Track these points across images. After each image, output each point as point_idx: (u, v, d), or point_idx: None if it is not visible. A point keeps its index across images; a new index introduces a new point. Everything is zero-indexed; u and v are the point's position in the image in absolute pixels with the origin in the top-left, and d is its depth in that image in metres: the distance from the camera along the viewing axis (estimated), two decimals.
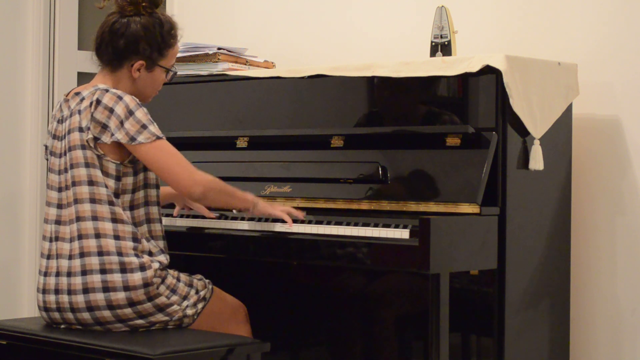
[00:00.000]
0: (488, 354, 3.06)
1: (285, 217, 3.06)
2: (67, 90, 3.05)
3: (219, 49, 3.70)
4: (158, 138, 2.85)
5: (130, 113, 2.84)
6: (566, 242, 3.29)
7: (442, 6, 3.29)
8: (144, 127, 2.84)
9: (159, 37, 2.96)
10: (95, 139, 2.84)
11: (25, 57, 4.55)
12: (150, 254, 2.88)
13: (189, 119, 3.63)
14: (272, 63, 3.85)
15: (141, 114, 2.86)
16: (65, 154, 2.91)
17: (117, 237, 2.83)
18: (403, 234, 2.86)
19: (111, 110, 2.84)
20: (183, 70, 3.68)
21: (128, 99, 2.86)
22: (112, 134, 2.83)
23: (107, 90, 2.87)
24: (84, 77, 4.65)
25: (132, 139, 2.83)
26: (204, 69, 3.68)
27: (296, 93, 3.44)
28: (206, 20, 4.44)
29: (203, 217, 3.28)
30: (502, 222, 2.98)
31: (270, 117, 3.50)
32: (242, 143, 3.53)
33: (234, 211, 3.19)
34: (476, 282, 3.08)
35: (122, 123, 2.83)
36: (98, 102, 2.85)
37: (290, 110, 3.46)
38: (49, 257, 2.91)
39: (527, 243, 3.09)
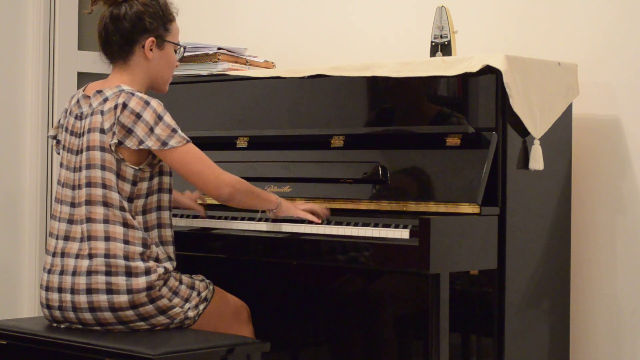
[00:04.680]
0: (488, 354, 3.06)
1: (310, 217, 3.05)
2: (83, 86, 3.03)
3: (219, 49, 3.70)
4: (187, 141, 2.86)
5: (160, 118, 2.84)
6: (566, 242, 3.29)
7: (442, 6, 3.29)
8: (174, 131, 2.85)
9: (160, 10, 2.97)
10: (119, 142, 2.84)
11: (25, 57, 4.55)
12: (157, 259, 2.88)
13: (189, 119, 3.63)
14: (272, 63, 3.85)
15: (169, 118, 2.86)
16: (81, 152, 2.90)
17: (126, 242, 2.83)
18: (403, 234, 2.86)
19: (138, 116, 2.83)
20: (183, 71, 3.68)
21: (155, 103, 2.86)
22: (141, 141, 2.82)
23: (132, 94, 2.87)
24: (84, 77, 4.65)
25: (164, 143, 2.83)
26: (204, 69, 3.68)
27: (296, 93, 3.44)
28: (206, 20, 4.44)
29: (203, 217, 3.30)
30: (502, 222, 2.98)
31: (270, 117, 3.50)
32: (242, 143, 3.53)
33: (260, 212, 3.14)
34: (476, 282, 3.08)
35: (151, 129, 2.83)
36: (124, 105, 2.84)
37: (290, 110, 3.46)
38: (54, 254, 2.91)
39: (527, 243, 3.09)
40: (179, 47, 3.05)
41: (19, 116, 4.55)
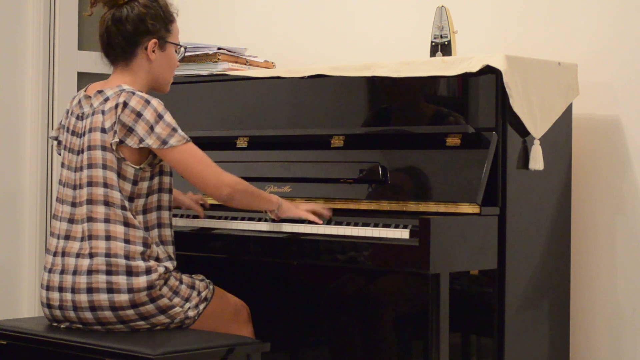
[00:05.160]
0: (488, 354, 3.06)
1: (312, 218, 3.05)
2: (84, 87, 3.04)
3: (219, 49, 3.70)
4: (187, 141, 2.86)
5: (160, 117, 2.85)
6: (566, 242, 3.29)
7: (442, 6, 3.29)
8: (174, 130, 2.85)
9: (161, 11, 2.98)
10: (120, 141, 2.84)
11: (25, 57, 4.55)
12: (158, 259, 2.88)
13: (189, 119, 3.63)
14: (272, 63, 3.85)
15: (169, 117, 2.87)
16: (83, 152, 2.90)
17: (127, 241, 2.83)
18: (403, 234, 2.86)
19: (139, 115, 2.84)
20: (183, 71, 3.68)
21: (155, 102, 2.87)
22: (141, 140, 2.83)
23: (133, 93, 2.87)
24: (84, 77, 4.65)
25: (164, 142, 2.83)
26: (204, 69, 3.68)
27: (296, 93, 3.44)
28: (206, 20, 4.44)
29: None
30: (502, 222, 2.98)
31: (270, 117, 3.50)
32: (242, 143, 3.53)
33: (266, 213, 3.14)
34: (476, 282, 3.08)
35: (152, 128, 2.83)
36: (125, 104, 2.85)
37: (290, 110, 3.46)
38: (55, 254, 2.91)
39: (527, 243, 3.09)
40: (179, 47, 3.06)
41: (19, 116, 4.55)
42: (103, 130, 2.86)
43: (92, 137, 2.88)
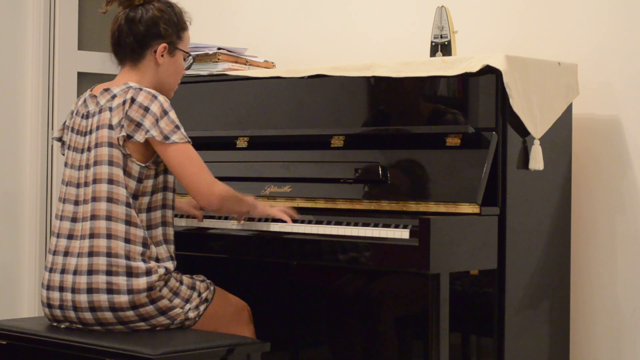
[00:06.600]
0: (488, 354, 3.06)
1: (284, 217, 3.09)
2: (90, 87, 3.05)
3: (219, 49, 3.70)
4: (188, 141, 2.87)
5: (165, 112, 2.86)
6: (566, 242, 3.29)
7: (442, 6, 3.29)
8: (177, 127, 2.86)
9: (175, 17, 3.00)
10: (128, 137, 2.85)
11: (25, 57, 4.55)
12: (158, 259, 2.88)
13: (189, 119, 3.62)
14: (272, 63, 3.85)
15: (174, 115, 2.88)
16: (89, 150, 2.91)
17: (127, 241, 2.83)
18: (403, 234, 2.86)
19: (146, 109, 2.85)
20: None
21: (162, 98, 2.88)
22: (147, 131, 2.84)
23: (140, 89, 2.88)
24: (84, 77, 4.66)
25: (166, 137, 2.84)
26: (204, 69, 3.68)
27: (296, 93, 3.44)
28: (206, 20, 4.44)
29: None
30: (502, 222, 2.98)
31: (270, 117, 3.50)
32: (242, 143, 3.53)
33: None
34: (476, 282, 3.08)
35: (157, 121, 2.84)
36: (133, 100, 2.86)
37: (290, 110, 3.46)
38: (55, 252, 2.91)
39: (527, 243, 3.09)
40: (188, 56, 3.07)
41: (19, 116, 4.55)
42: (110, 127, 2.87)
43: (100, 135, 2.88)
